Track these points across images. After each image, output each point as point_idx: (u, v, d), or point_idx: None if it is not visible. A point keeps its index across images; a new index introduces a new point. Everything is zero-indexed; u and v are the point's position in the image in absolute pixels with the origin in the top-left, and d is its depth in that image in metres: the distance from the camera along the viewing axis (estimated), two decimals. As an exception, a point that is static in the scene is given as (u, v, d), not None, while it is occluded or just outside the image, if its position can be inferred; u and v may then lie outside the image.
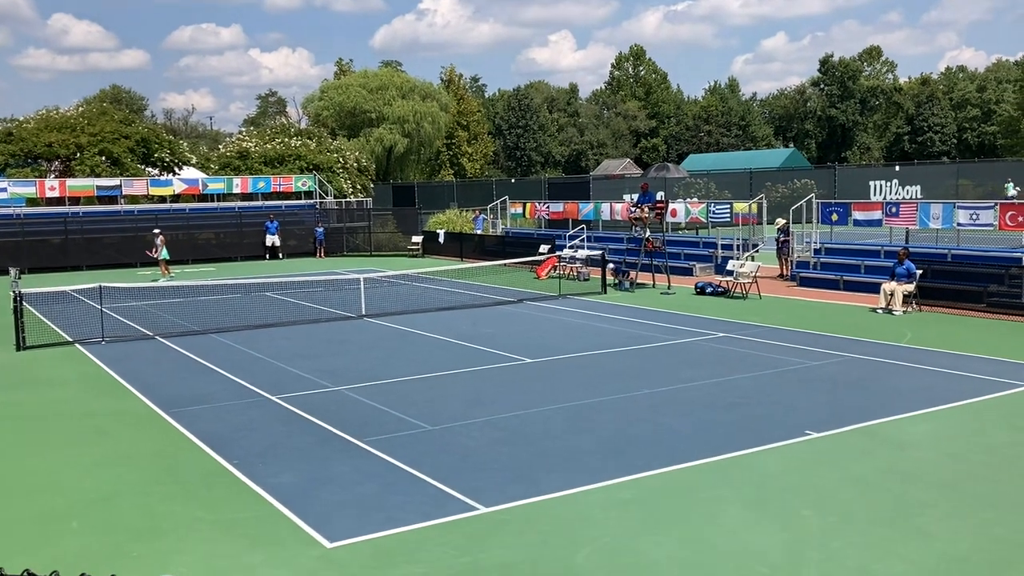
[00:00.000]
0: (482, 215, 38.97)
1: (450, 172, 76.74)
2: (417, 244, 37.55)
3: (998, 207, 21.24)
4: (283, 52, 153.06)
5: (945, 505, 7.88)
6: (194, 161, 46.86)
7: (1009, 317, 17.61)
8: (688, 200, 33.52)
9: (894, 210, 23.16)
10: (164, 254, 29.30)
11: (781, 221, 25.78)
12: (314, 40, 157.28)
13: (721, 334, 16.61)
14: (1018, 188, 46.93)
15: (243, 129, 68.53)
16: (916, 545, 7.03)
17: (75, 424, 11.40)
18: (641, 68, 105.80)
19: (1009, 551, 6.91)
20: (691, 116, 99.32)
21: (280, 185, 42.21)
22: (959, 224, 21.64)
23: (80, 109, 44.84)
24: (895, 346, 15.06)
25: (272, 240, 37.20)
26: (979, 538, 7.16)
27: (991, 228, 21.30)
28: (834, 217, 24.60)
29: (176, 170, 43.47)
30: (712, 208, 28.34)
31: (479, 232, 37.16)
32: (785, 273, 25.07)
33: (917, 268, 19.04)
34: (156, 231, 30.06)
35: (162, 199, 40.01)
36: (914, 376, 12.87)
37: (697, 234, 31.11)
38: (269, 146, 46.01)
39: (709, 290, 22.42)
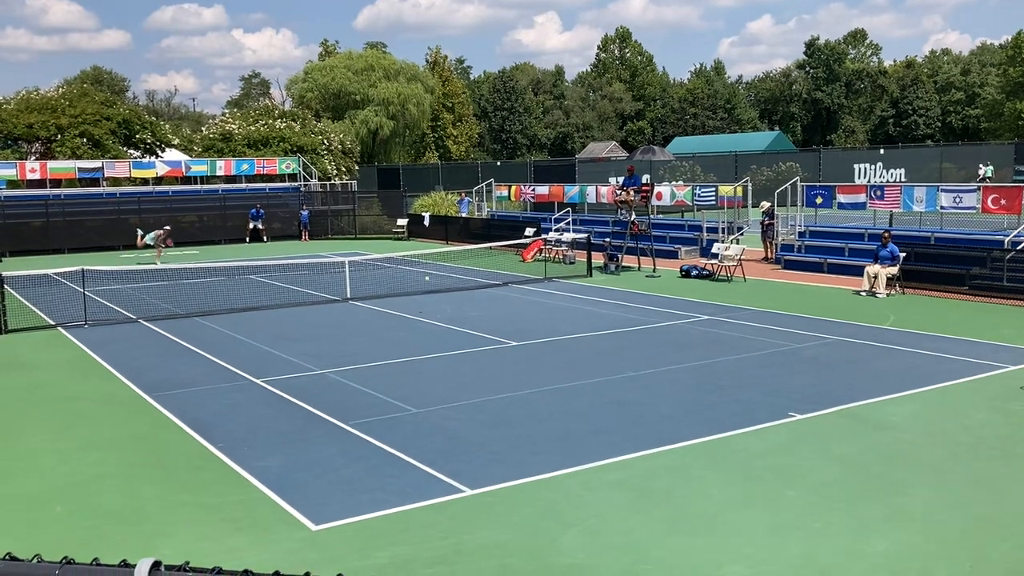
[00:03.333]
0: (467, 198, 38.86)
1: (435, 154, 76.42)
2: (402, 227, 37.42)
3: (981, 190, 21.36)
4: (266, 33, 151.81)
5: (927, 485, 7.95)
6: (177, 143, 46.41)
7: (991, 300, 17.73)
8: (674, 183, 33.53)
9: (878, 193, 23.26)
10: (149, 239, 28.90)
11: (766, 204, 25.84)
12: (297, 21, 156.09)
13: (706, 317, 16.66)
14: (989, 166, 47.22)
15: (226, 111, 67.94)
16: (898, 524, 7.10)
17: (58, 408, 11.33)
18: (627, 50, 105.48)
19: (989, 529, 6.98)
20: (677, 99, 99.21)
21: (264, 167, 41.90)
22: (942, 207, 21.76)
23: (61, 90, 44.28)
24: (878, 328, 15.15)
25: (255, 224, 37.03)
26: (960, 517, 7.23)
27: (974, 211, 21.45)
28: (819, 200, 24.69)
29: (158, 152, 43.06)
30: (697, 191, 28.36)
31: (464, 215, 37.07)
32: (770, 256, 25.16)
33: (900, 251, 19.14)
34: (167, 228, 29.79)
35: (144, 181, 39.63)
36: (897, 358, 12.95)
37: (682, 217, 31.17)
38: (253, 128, 45.63)
39: (694, 273, 22.48)
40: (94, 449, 9.56)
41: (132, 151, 42.08)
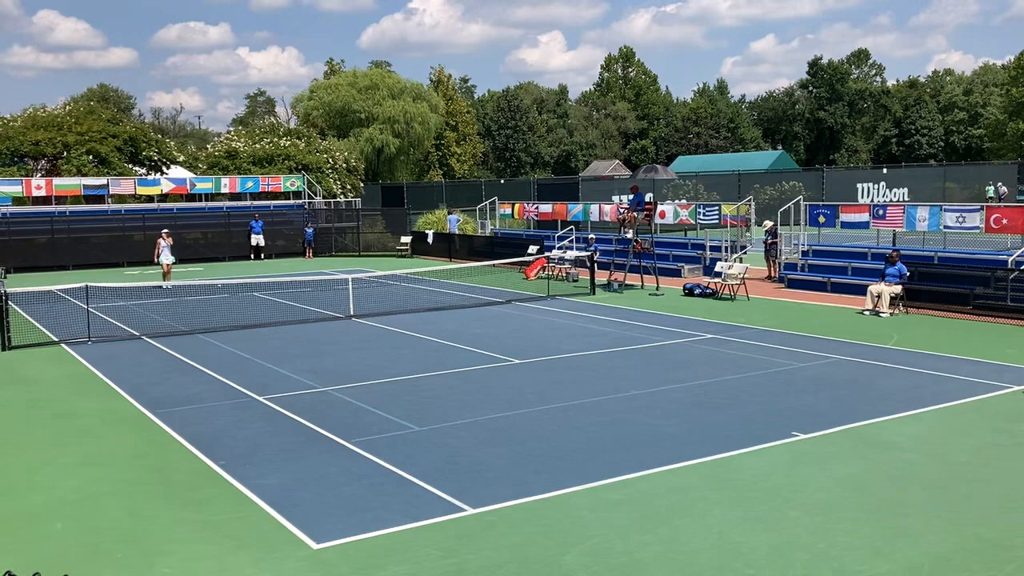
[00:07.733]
0: (455, 215, 38.66)
1: (439, 173, 76.66)
2: (406, 244, 37.48)
3: (984, 210, 21.37)
4: (272, 51, 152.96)
5: (930, 505, 7.91)
6: (182, 160, 46.61)
7: (995, 319, 17.70)
8: (677, 202, 33.59)
9: (881, 212, 23.27)
10: (169, 257, 27.77)
11: (769, 223, 25.86)
12: (303, 39, 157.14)
13: (709, 335, 16.64)
14: (998, 185, 47.24)
15: (232, 129, 68.30)
16: (901, 545, 7.06)
17: (60, 424, 11.33)
18: (631, 69, 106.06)
19: (993, 551, 6.95)
20: (680, 118, 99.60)
21: (269, 185, 42.05)
22: (946, 227, 21.76)
23: (67, 108, 44.53)
24: (882, 348, 15.13)
25: (257, 240, 37.06)
26: (963, 538, 7.19)
27: (978, 231, 21.44)
28: (821, 219, 24.71)
29: (164, 169, 43.23)
30: (701, 210, 28.40)
31: (454, 232, 36.95)
32: (773, 275, 25.15)
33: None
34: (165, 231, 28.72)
35: (149, 199, 39.79)
36: (900, 377, 12.92)
37: (686, 236, 31.20)
38: (258, 146, 45.81)
39: (698, 291, 22.47)
40: (95, 466, 9.56)
41: (137, 168, 42.23)
